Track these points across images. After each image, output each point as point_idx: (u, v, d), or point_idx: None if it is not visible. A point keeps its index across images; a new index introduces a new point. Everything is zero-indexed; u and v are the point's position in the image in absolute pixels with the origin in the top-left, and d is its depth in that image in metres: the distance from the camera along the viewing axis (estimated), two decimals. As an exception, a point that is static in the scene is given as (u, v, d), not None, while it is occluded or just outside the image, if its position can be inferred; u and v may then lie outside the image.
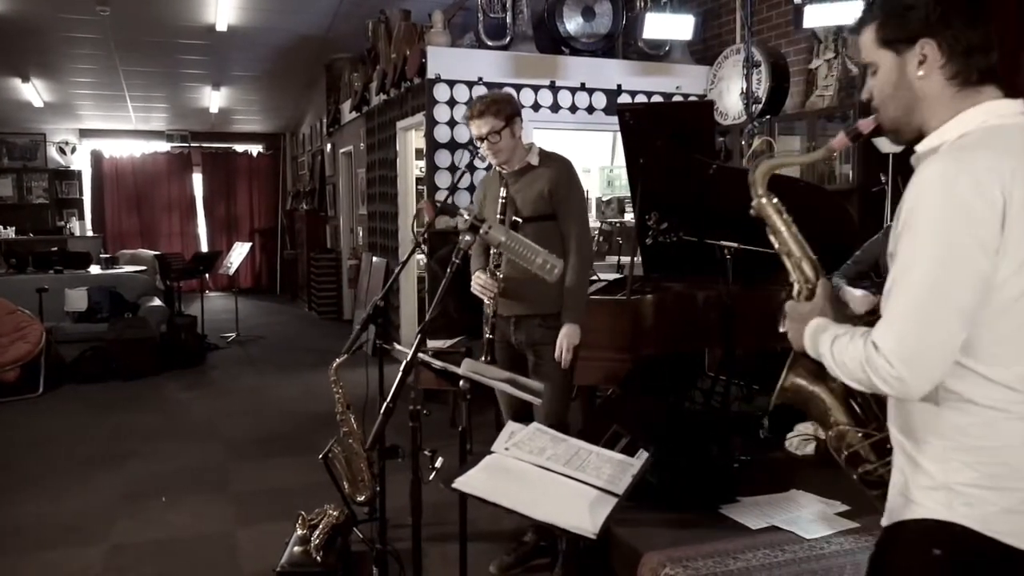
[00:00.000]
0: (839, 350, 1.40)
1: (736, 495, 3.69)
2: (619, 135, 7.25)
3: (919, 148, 1.45)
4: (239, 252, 9.40)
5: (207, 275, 9.42)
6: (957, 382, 1.36)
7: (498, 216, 3.20)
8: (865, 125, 1.56)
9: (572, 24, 6.85)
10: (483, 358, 3.02)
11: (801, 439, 4.48)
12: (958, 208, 1.28)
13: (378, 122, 8.19)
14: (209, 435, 5.32)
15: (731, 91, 6.73)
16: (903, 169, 5.42)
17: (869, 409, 1.66)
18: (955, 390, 1.36)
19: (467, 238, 1.88)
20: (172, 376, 7.10)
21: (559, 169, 3.26)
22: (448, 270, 1.93)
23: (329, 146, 10.86)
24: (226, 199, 13.99)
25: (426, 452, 2.50)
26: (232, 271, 9.24)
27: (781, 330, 1.62)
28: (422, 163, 7.18)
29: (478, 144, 3.26)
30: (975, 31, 1.39)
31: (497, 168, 3.33)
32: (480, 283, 3.21)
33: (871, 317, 3.76)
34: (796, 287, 1.64)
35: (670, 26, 6.03)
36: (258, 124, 13.58)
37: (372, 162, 8.53)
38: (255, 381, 6.98)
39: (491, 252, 3.15)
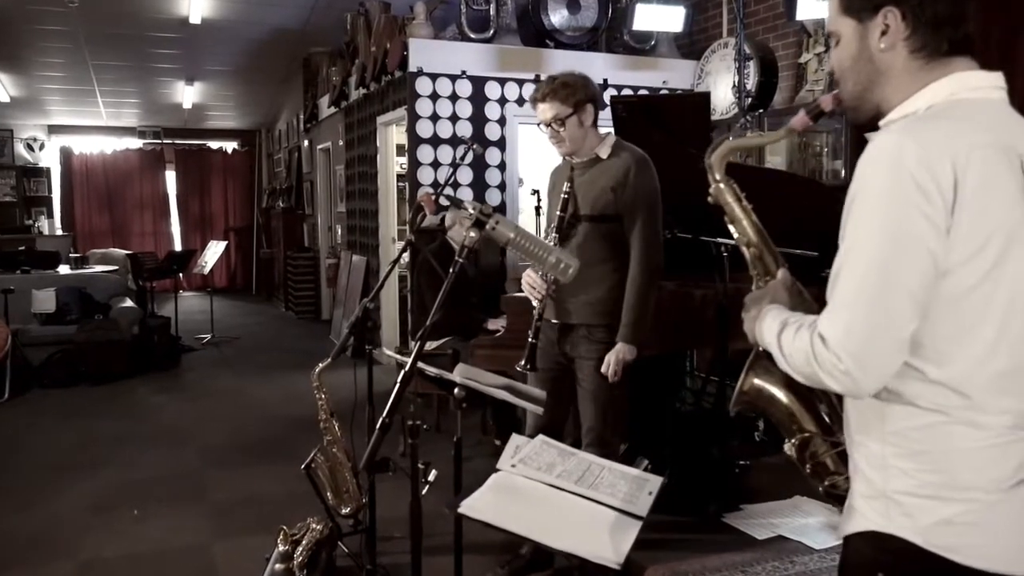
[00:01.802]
0: (787, 341, 1.26)
1: (739, 502, 3.56)
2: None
3: (881, 123, 1.32)
4: (214, 251, 9.16)
5: (181, 275, 9.17)
6: (900, 382, 1.23)
7: (558, 213, 2.91)
8: (826, 102, 1.45)
9: (557, 17, 6.70)
10: (522, 364, 2.78)
11: (800, 442, 4.35)
12: (905, 182, 1.15)
13: (357, 117, 7.99)
14: (184, 441, 5.10)
15: (718, 86, 6.61)
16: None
17: (837, 415, 1.51)
18: (897, 390, 1.24)
19: (472, 234, 1.71)
20: (145, 379, 6.86)
21: (627, 164, 2.89)
22: (451, 270, 1.76)
23: (306, 142, 10.63)
24: (200, 197, 13.70)
25: (419, 465, 2.33)
26: (207, 270, 9.00)
27: (745, 320, 1.47)
28: (403, 159, 7.00)
29: (543, 129, 2.93)
30: (942, 1, 1.26)
31: (566, 158, 3.00)
32: (529, 282, 2.92)
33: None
34: (756, 283, 1.50)
35: (660, 18, 5.88)
36: (233, 120, 13.31)
37: (351, 158, 8.32)
38: (232, 384, 6.76)
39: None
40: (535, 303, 2.90)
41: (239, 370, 7.33)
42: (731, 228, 1.56)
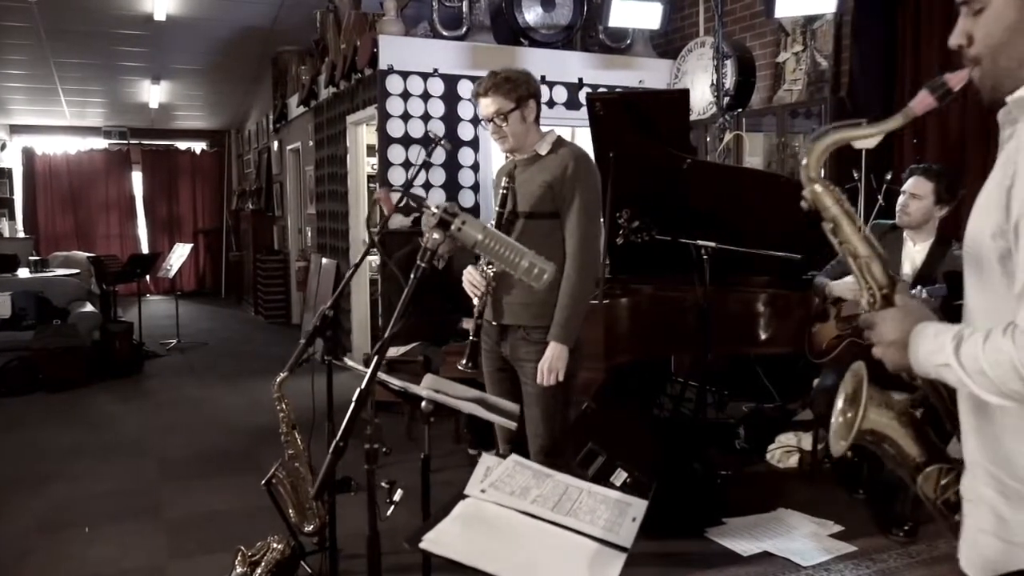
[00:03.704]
0: (974, 356, 1.09)
1: (722, 516, 3.42)
2: (579, 130, 7.06)
3: (1019, 94, 1.16)
4: (179, 253, 8.90)
5: (146, 278, 8.89)
6: None
7: (497, 209, 2.81)
8: (956, 80, 1.24)
9: (531, 14, 6.55)
10: (463, 362, 2.65)
11: (784, 451, 4.24)
12: None
13: (327, 117, 7.78)
14: (141, 453, 4.87)
15: (695, 85, 6.50)
16: (876, 166, 5.26)
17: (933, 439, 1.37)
18: None
19: (435, 236, 1.54)
20: (104, 388, 6.60)
21: (566, 159, 2.81)
22: (413, 275, 1.59)
23: (276, 143, 10.40)
24: (167, 199, 13.40)
25: (383, 483, 2.16)
26: (172, 274, 8.73)
27: (876, 353, 1.30)
28: (374, 160, 6.81)
29: (485, 126, 2.89)
30: None
31: (507, 155, 2.94)
32: (470, 279, 2.82)
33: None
34: (867, 297, 1.32)
35: (637, 14, 5.75)
36: (201, 120, 13.03)
37: (321, 159, 8.11)
38: (195, 392, 6.52)
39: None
40: (475, 301, 2.83)
41: (204, 377, 7.09)
42: (831, 237, 1.37)
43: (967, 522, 1.24)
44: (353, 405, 1.46)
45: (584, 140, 6.26)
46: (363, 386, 1.48)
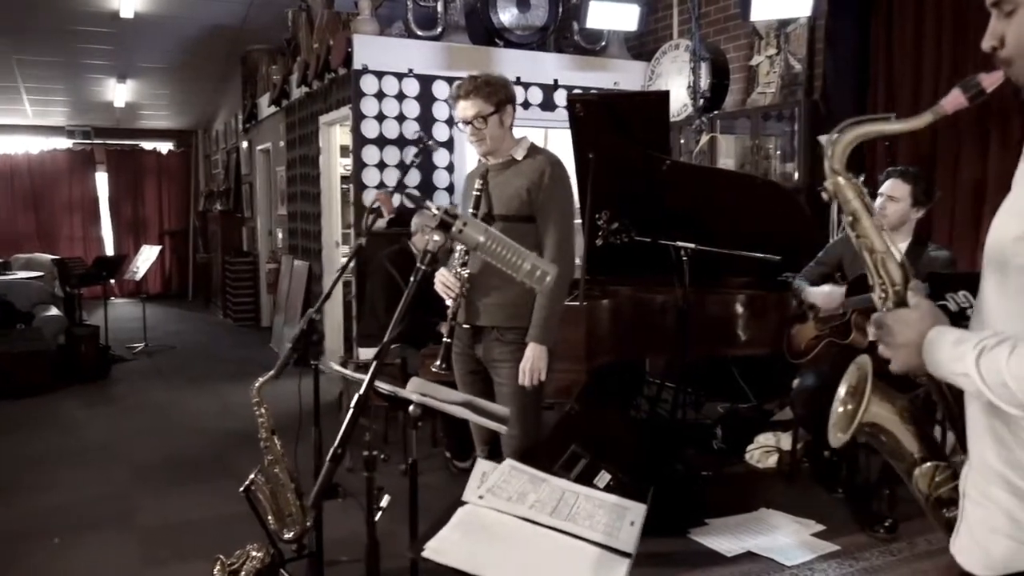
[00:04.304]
0: (992, 368, 1.08)
1: (704, 516, 3.42)
2: (552, 131, 7.06)
3: None
4: (147, 256, 8.74)
5: (111, 280, 8.72)
6: None
7: (470, 211, 2.85)
8: (990, 80, 1.22)
9: (506, 15, 6.53)
10: (437, 363, 2.65)
11: (763, 451, 4.25)
12: None
13: (299, 117, 7.69)
14: (111, 460, 4.76)
15: (669, 87, 6.51)
16: (848, 169, 5.30)
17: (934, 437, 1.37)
18: None
19: (436, 238, 1.51)
20: (70, 393, 6.45)
21: (542, 166, 2.89)
22: (413, 278, 1.55)
23: (245, 143, 10.26)
24: (133, 200, 13.16)
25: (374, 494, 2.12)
26: (139, 276, 8.57)
27: (884, 353, 1.29)
28: (348, 160, 6.74)
29: (462, 128, 2.93)
30: None
31: (481, 159, 3.01)
32: (443, 280, 2.84)
33: (838, 322, 3.49)
34: (878, 293, 1.31)
35: (614, 16, 5.76)
36: (168, 120, 12.82)
37: (292, 159, 8.01)
38: (165, 396, 6.40)
39: (457, 248, 2.78)
40: (449, 303, 2.84)
41: (173, 381, 6.96)
42: (849, 230, 1.37)
43: (972, 521, 1.24)
44: (352, 411, 1.43)
45: (558, 142, 6.30)
46: (362, 391, 1.45)
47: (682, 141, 6.25)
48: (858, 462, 3.80)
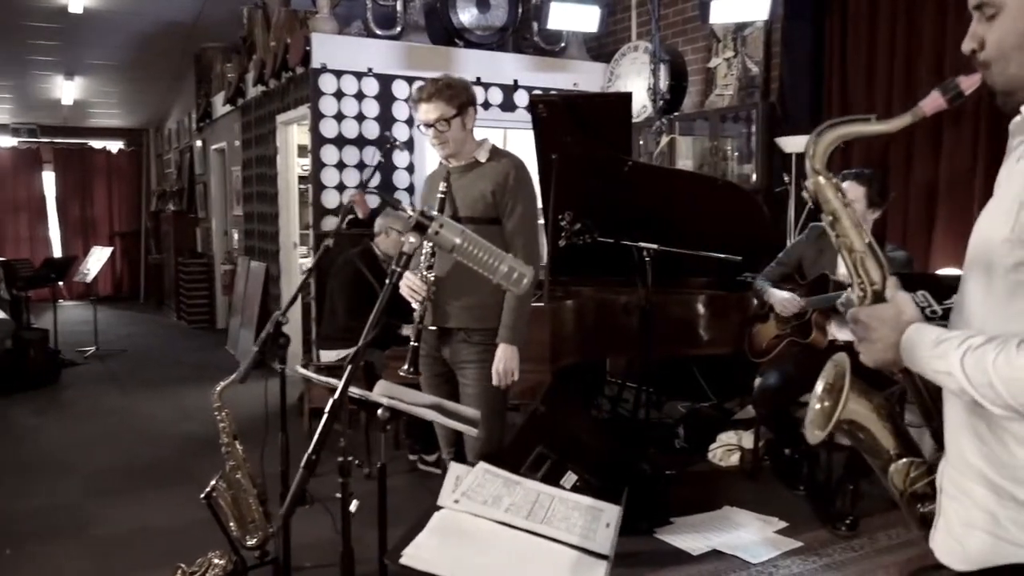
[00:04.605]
0: (978, 368, 1.09)
1: (669, 516, 3.44)
2: (511, 132, 7.06)
3: None
4: (98, 257, 8.53)
5: (60, 283, 8.49)
6: None
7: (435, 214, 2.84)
8: (969, 83, 1.24)
9: (466, 15, 6.51)
10: (405, 367, 2.63)
11: (725, 449, 4.30)
12: None
13: (255, 116, 7.57)
14: (63, 468, 4.63)
15: (629, 88, 6.56)
16: (804, 170, 5.39)
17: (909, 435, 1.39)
18: None
19: (412, 239, 1.49)
20: (18, 399, 6.26)
21: (507, 168, 2.92)
22: (389, 280, 1.53)
23: (199, 142, 10.07)
24: (82, 200, 12.84)
25: (338, 495, 2.09)
26: (90, 278, 8.36)
27: (860, 348, 1.31)
28: (305, 160, 6.66)
29: (424, 131, 2.92)
30: None
31: (443, 162, 3.00)
32: (409, 284, 2.83)
33: (799, 321, 3.54)
34: (857, 292, 1.33)
35: (575, 17, 5.77)
36: (118, 118, 12.53)
37: (248, 159, 7.89)
38: (118, 402, 6.24)
39: (424, 251, 2.76)
40: (415, 306, 2.84)
41: (126, 386, 6.80)
42: (829, 229, 1.38)
43: (949, 515, 1.26)
44: (326, 416, 1.40)
45: (517, 142, 6.30)
46: (336, 396, 1.42)
47: (641, 143, 6.29)
48: (819, 460, 3.86)
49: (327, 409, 1.40)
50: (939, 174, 4.60)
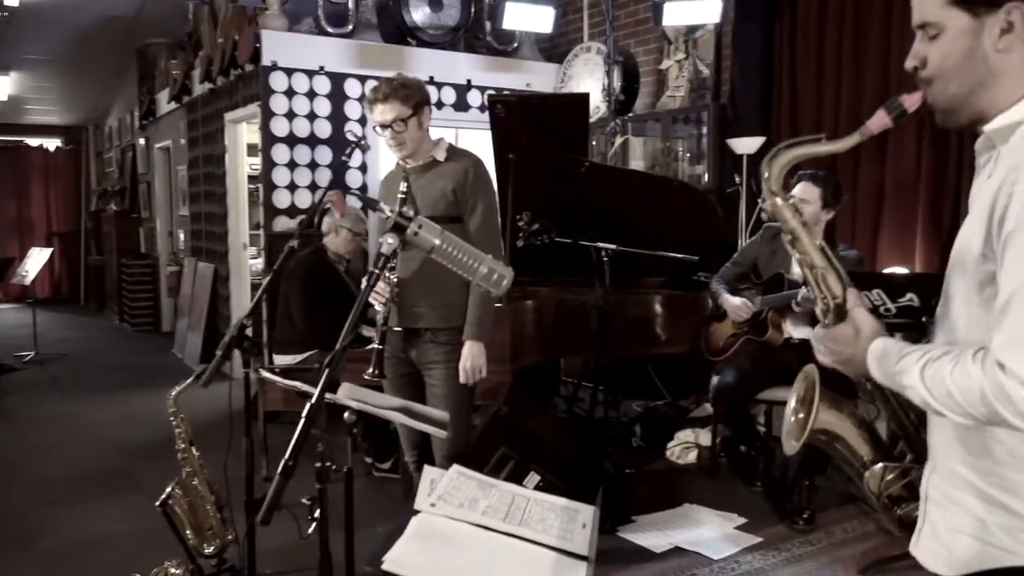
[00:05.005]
0: (936, 379, 1.13)
1: (630, 514, 3.47)
2: (464, 132, 7.03)
3: (998, 123, 1.19)
4: (37, 259, 8.24)
5: (-5, 285, 8.21)
6: None
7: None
8: (911, 101, 1.28)
9: (419, 14, 6.46)
10: (370, 371, 2.60)
11: (682, 447, 4.34)
12: None
13: (202, 114, 7.41)
14: (6, 478, 4.46)
15: (580, 89, 6.59)
16: (757, 171, 5.48)
17: (892, 438, 1.43)
18: None
19: (390, 240, 1.47)
20: (-46, 406, 6.03)
21: (466, 166, 2.92)
22: (367, 282, 1.50)
23: (142, 140, 9.82)
24: (17, 200, 12.41)
25: (303, 500, 2.05)
26: (29, 280, 8.09)
27: (828, 365, 1.34)
28: (256, 159, 6.54)
29: (379, 132, 2.88)
30: None
31: (399, 162, 2.97)
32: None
33: (756, 320, 3.59)
34: (820, 307, 1.36)
35: (530, 17, 5.78)
36: (55, 115, 12.15)
37: (195, 158, 7.71)
38: (61, 408, 6.05)
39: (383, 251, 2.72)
40: (379, 308, 2.81)
41: (69, 391, 6.59)
42: (790, 248, 1.41)
43: (935, 523, 1.29)
44: (303, 421, 1.37)
45: (470, 142, 6.28)
46: (313, 401, 1.39)
47: (594, 143, 6.33)
48: (775, 456, 3.93)
49: (304, 414, 1.37)
50: (885, 177, 4.72)
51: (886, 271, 4.44)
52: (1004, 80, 1.17)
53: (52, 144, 12.76)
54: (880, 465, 1.42)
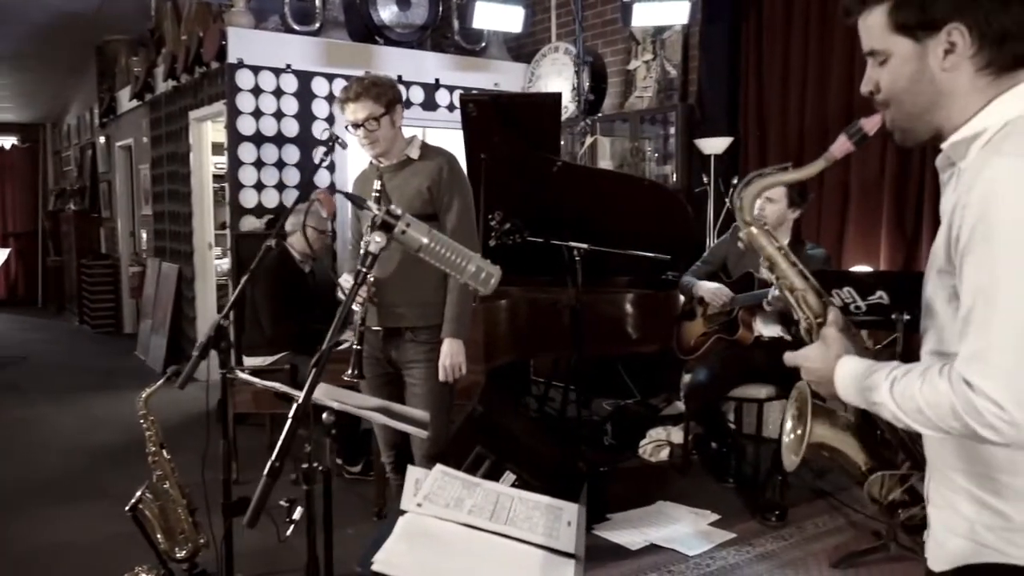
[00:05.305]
0: (906, 395, 1.14)
1: (605, 512, 3.48)
2: (432, 131, 7.01)
3: (953, 139, 1.23)
4: (-6, 259, 8.07)
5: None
6: None
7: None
8: (871, 125, 1.32)
9: (386, 13, 6.43)
10: (349, 372, 2.58)
11: (655, 445, 4.38)
12: None
13: (165, 112, 7.29)
14: (-35, 484, 4.35)
15: (549, 89, 6.61)
16: (725, 171, 5.56)
17: (887, 444, 1.45)
18: None
19: (377, 239, 1.46)
20: (-91, 412, 5.86)
21: (441, 164, 2.91)
22: (355, 280, 1.49)
23: (102, 139, 9.64)
24: (-28, 199, 12.14)
25: (282, 502, 2.03)
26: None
27: (810, 380, 1.36)
28: (221, 158, 6.45)
29: (352, 131, 2.87)
30: (1009, 13, 1.17)
31: (373, 161, 2.96)
32: (349, 286, 2.78)
33: (726, 319, 3.62)
34: (804, 326, 1.38)
35: (500, 17, 5.78)
36: (11, 113, 11.89)
37: (159, 157, 7.59)
38: (21, 412, 5.90)
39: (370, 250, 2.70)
40: (356, 308, 2.79)
41: (29, 395, 6.44)
42: (768, 273, 1.45)
43: (934, 524, 1.31)
44: (290, 422, 1.36)
45: (439, 142, 6.25)
46: (300, 402, 1.38)
47: (563, 143, 6.35)
48: (746, 453, 3.97)
49: (291, 415, 1.36)
50: (851, 177, 4.80)
51: (852, 269, 4.51)
52: (955, 99, 1.20)
53: (8, 142, 12.48)
54: (879, 474, 1.45)
